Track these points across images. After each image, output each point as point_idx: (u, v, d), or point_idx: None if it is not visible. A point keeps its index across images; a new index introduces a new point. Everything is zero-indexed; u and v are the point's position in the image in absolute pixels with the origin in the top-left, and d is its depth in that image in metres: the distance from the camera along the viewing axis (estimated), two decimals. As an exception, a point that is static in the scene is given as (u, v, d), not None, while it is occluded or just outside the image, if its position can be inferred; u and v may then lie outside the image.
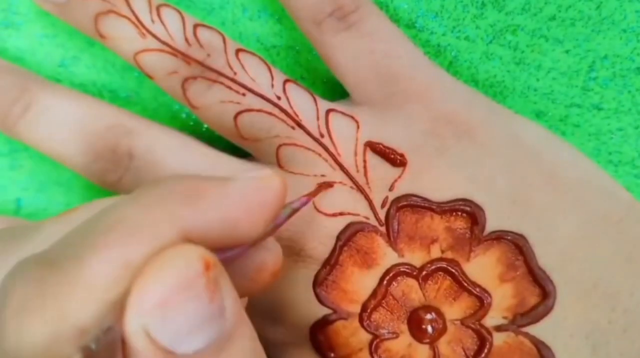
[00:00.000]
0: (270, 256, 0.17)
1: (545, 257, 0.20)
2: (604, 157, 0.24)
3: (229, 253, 0.15)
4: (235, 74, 0.21)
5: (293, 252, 0.21)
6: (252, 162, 0.22)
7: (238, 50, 0.22)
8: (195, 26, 0.21)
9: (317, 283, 0.20)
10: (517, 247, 0.20)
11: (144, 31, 0.21)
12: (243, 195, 0.15)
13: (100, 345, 0.12)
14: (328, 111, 0.21)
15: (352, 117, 0.21)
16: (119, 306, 0.13)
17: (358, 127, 0.21)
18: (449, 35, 0.24)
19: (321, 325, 0.20)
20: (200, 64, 0.21)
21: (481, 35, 0.23)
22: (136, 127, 0.22)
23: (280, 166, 0.21)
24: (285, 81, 0.22)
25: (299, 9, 0.22)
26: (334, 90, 0.24)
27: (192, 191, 0.15)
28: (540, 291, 0.20)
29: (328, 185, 0.21)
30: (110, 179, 0.21)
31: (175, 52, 0.21)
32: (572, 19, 0.23)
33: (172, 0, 0.23)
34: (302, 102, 0.21)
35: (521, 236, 0.20)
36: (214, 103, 0.21)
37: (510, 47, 0.23)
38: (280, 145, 0.21)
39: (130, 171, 0.21)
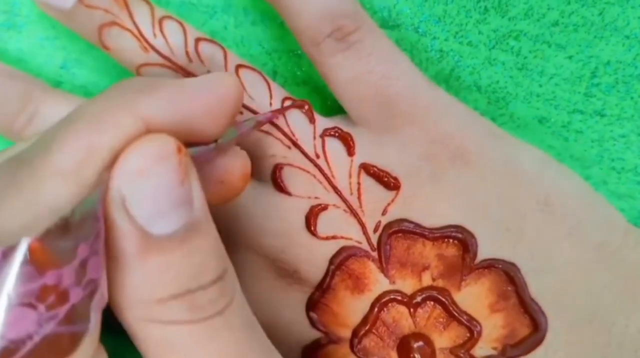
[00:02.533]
0: (237, 160, 0.18)
1: (539, 287, 0.20)
2: (607, 164, 0.24)
3: (193, 151, 0.16)
4: None
5: (287, 274, 0.21)
6: None
7: (238, 66, 0.22)
8: (197, 40, 0.21)
9: (310, 306, 0.20)
10: (508, 276, 0.20)
11: (146, 45, 0.21)
12: (198, 89, 0.16)
13: (76, 215, 0.13)
14: (325, 131, 0.21)
15: (349, 138, 0.21)
16: (93, 186, 0.14)
17: (354, 148, 0.21)
18: (451, 41, 0.24)
19: (313, 349, 0.20)
20: None
21: (484, 40, 0.23)
22: None
23: (276, 186, 0.21)
24: (284, 99, 0.22)
25: (299, 29, 0.21)
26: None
27: (148, 84, 0.16)
28: (531, 322, 0.20)
29: (301, 105, 0.21)
30: None
31: (176, 67, 0.21)
32: (575, 25, 0.23)
33: (174, 4, 0.23)
34: (299, 120, 0.21)
35: (513, 265, 0.20)
36: None
37: (512, 53, 0.23)
38: (276, 165, 0.21)
39: None
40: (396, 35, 0.24)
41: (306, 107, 0.21)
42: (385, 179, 0.21)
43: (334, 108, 0.24)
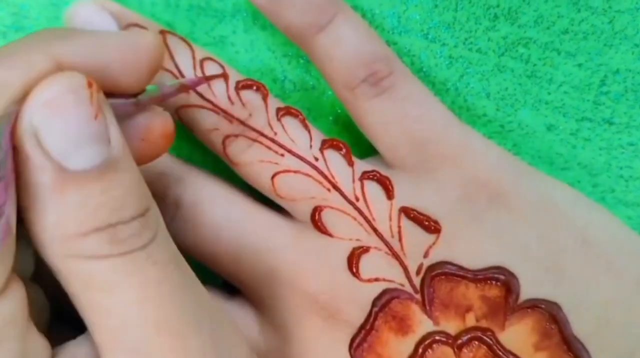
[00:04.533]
0: (158, 118, 0.18)
1: (580, 324, 0.20)
2: (615, 172, 0.24)
3: (111, 100, 0.16)
4: (275, 134, 0.21)
5: (328, 314, 0.21)
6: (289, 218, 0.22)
7: (279, 109, 0.22)
8: (238, 83, 0.22)
9: (353, 346, 0.20)
10: (551, 315, 0.20)
11: None
12: (115, 40, 0.17)
13: None
14: (363, 174, 0.21)
15: (387, 182, 0.21)
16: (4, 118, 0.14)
17: (393, 191, 0.21)
18: (460, 47, 0.24)
19: None
20: (242, 123, 0.21)
21: (493, 47, 0.23)
22: (184, 175, 0.22)
23: (317, 227, 0.21)
24: (323, 142, 0.22)
25: (332, 73, 0.22)
26: (344, 100, 0.24)
27: (65, 31, 0.16)
28: None
29: (224, 75, 0.21)
30: None
31: (217, 109, 0.21)
32: (585, 33, 0.23)
33: (183, 8, 0.23)
34: (338, 164, 0.22)
35: (555, 304, 0.20)
36: (253, 162, 0.21)
37: (522, 60, 0.23)
38: (316, 207, 0.21)
39: (175, 220, 0.21)
40: (405, 42, 0.24)
41: (344, 150, 0.22)
42: (426, 223, 0.21)
43: (342, 115, 0.24)
